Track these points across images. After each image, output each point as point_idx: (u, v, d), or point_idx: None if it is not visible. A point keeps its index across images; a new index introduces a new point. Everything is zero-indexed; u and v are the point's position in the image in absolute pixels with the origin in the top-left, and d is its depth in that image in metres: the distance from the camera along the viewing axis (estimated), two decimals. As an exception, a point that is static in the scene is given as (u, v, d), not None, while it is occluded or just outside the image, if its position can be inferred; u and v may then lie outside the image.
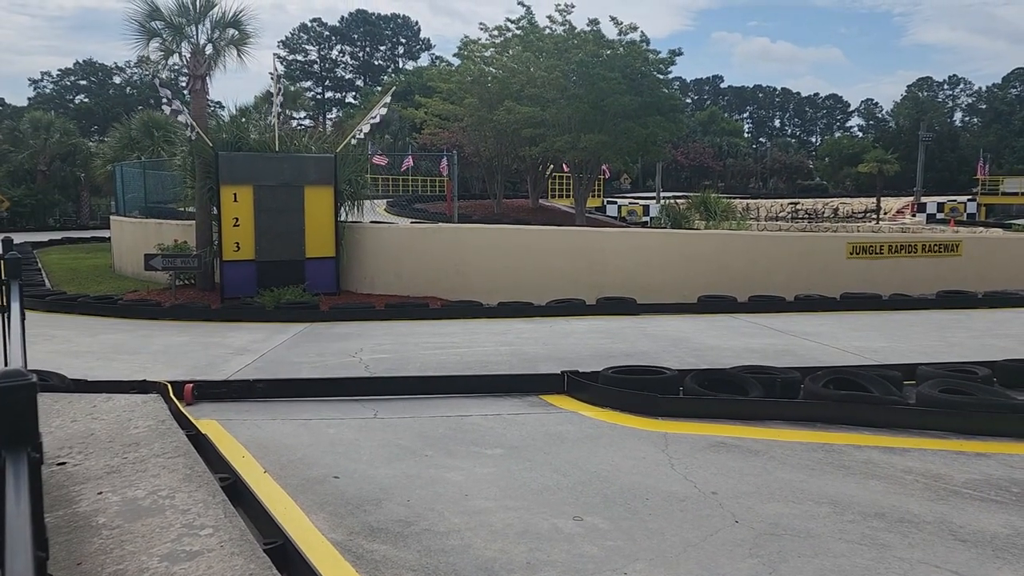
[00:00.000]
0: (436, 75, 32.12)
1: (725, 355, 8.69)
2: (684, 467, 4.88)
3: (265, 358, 8.97)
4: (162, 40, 15.07)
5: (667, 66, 24.86)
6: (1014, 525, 3.95)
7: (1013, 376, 7.04)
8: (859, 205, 45.95)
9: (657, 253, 14.58)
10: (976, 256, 14.87)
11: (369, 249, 15.13)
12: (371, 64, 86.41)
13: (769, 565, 3.49)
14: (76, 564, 3.09)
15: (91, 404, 5.51)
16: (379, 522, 3.99)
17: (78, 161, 39.49)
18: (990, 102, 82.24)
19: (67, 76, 71.67)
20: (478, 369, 8.04)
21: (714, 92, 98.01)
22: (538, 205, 31.38)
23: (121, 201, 23.79)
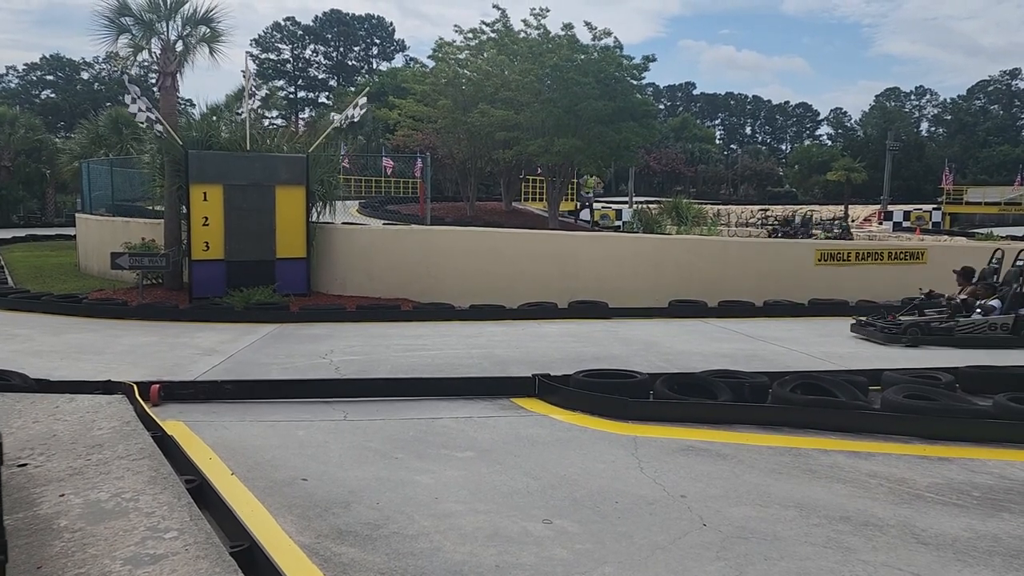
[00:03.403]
0: (410, 76, 32.05)
1: (695, 359, 8.76)
2: (653, 470, 4.91)
3: (234, 359, 8.87)
4: (132, 36, 14.85)
5: (640, 72, 25.04)
6: (975, 528, 4.02)
7: (975, 382, 7.19)
8: (828, 212, 46.53)
9: (629, 258, 14.65)
10: (941, 264, 15.09)
11: (341, 250, 15.03)
12: (345, 64, 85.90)
13: (736, 568, 3.52)
14: (36, 568, 3.03)
15: (54, 404, 5.41)
16: (348, 525, 3.96)
17: (44, 157, 38.74)
18: (955, 113, 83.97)
19: (33, 71, 70.32)
20: (449, 371, 8.02)
21: (686, 99, 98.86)
22: (511, 208, 31.43)
23: (88, 198, 23.43)
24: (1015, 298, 10.24)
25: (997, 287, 10.69)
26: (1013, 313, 10.15)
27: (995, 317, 10.17)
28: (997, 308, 10.28)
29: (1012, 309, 10.20)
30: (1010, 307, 10.23)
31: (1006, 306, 10.25)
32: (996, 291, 10.59)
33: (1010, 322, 10.11)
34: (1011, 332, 10.08)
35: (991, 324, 10.13)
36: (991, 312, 10.25)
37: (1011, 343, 9.93)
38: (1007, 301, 10.26)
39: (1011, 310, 10.20)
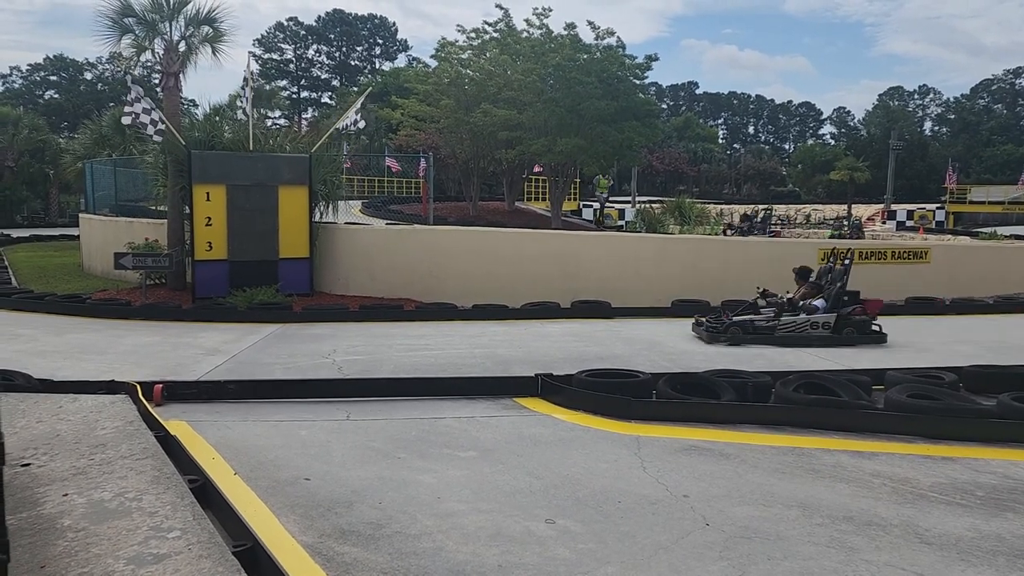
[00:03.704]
0: (413, 76, 32.03)
1: (698, 359, 8.76)
2: (656, 470, 4.90)
3: (237, 359, 8.87)
4: (135, 36, 14.87)
5: (643, 71, 25.01)
6: (978, 528, 4.01)
7: (979, 381, 7.17)
8: (831, 212, 46.50)
9: (632, 257, 14.64)
10: (944, 263, 15.12)
11: (343, 250, 15.04)
12: (347, 64, 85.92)
13: (739, 568, 3.51)
14: (40, 567, 3.03)
15: (57, 404, 5.42)
16: (350, 524, 3.96)
17: (47, 158, 38.82)
18: (958, 112, 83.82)
19: (37, 71, 70.41)
20: (452, 371, 8.02)
21: (689, 98, 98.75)
22: (514, 208, 31.41)
23: (91, 199, 23.46)
24: (838, 297, 10.29)
25: (824, 287, 10.75)
26: (835, 312, 10.20)
27: (817, 316, 10.23)
28: (820, 308, 10.37)
29: (835, 308, 10.24)
30: (833, 306, 10.27)
31: (829, 305, 10.32)
32: (823, 291, 10.67)
33: (832, 321, 10.17)
34: (833, 331, 10.14)
35: (812, 323, 10.18)
36: (814, 312, 10.32)
37: (832, 342, 9.97)
38: (830, 300, 10.33)
39: (834, 309, 10.24)
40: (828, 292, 10.48)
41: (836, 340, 10.00)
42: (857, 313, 10.21)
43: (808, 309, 10.34)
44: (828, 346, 9.81)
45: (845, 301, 10.30)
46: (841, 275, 10.49)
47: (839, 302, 10.25)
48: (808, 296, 10.64)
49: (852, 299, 10.33)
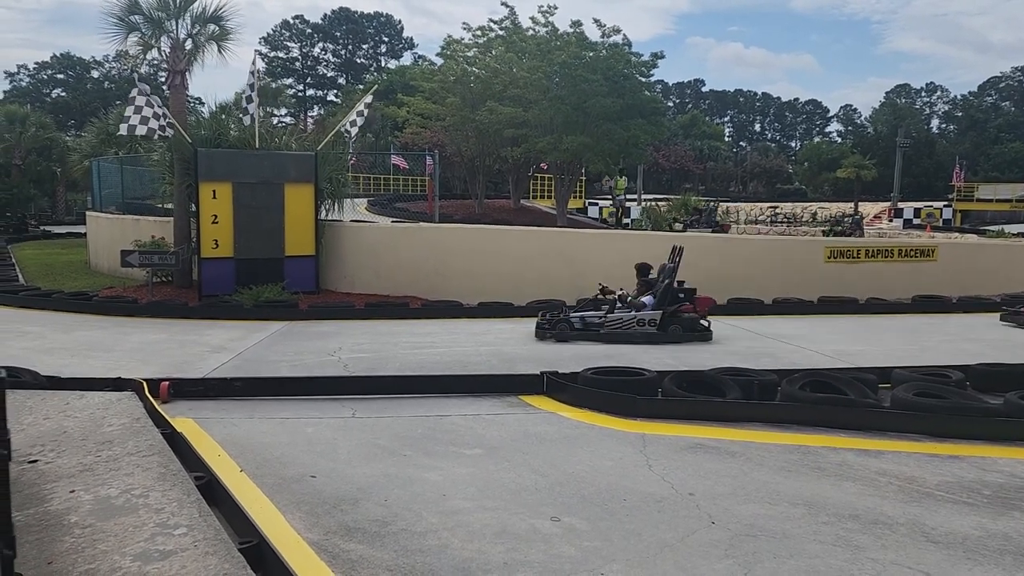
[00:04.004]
0: (418, 74, 32.03)
1: (703, 357, 8.74)
2: (662, 468, 4.90)
3: (243, 356, 8.89)
4: (141, 35, 14.91)
5: (649, 69, 24.94)
6: (985, 527, 4.00)
7: (986, 380, 7.14)
8: (837, 210, 46.31)
9: (637, 255, 14.59)
10: (951, 261, 15.05)
11: (349, 248, 15.06)
12: (353, 62, 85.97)
13: (744, 566, 3.51)
14: (47, 563, 3.04)
15: (64, 401, 5.44)
16: (356, 522, 3.97)
17: (54, 156, 38.93)
18: (966, 110, 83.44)
19: (44, 70, 70.62)
20: (457, 369, 8.02)
21: (695, 96, 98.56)
22: (520, 206, 31.36)
23: (98, 196, 23.52)
24: (665, 294, 10.31)
25: (653, 284, 10.81)
26: (662, 309, 10.23)
27: (643, 313, 10.26)
28: (648, 304, 10.40)
29: (663, 305, 10.27)
30: (660, 303, 10.30)
31: (657, 302, 10.35)
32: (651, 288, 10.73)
33: (658, 318, 10.20)
34: (659, 328, 10.17)
35: (639, 320, 10.20)
36: (642, 308, 10.35)
37: (656, 338, 10.00)
38: (658, 297, 10.36)
39: (661, 306, 10.27)
40: (656, 289, 10.54)
41: (661, 337, 10.04)
42: (686, 310, 10.27)
43: (636, 306, 10.41)
44: (652, 343, 9.87)
45: (680, 298, 10.35)
46: (671, 272, 10.52)
47: (666, 299, 10.28)
48: (641, 293, 10.71)
49: (687, 296, 10.39)
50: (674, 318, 10.17)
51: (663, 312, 10.16)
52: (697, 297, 10.41)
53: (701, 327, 10.20)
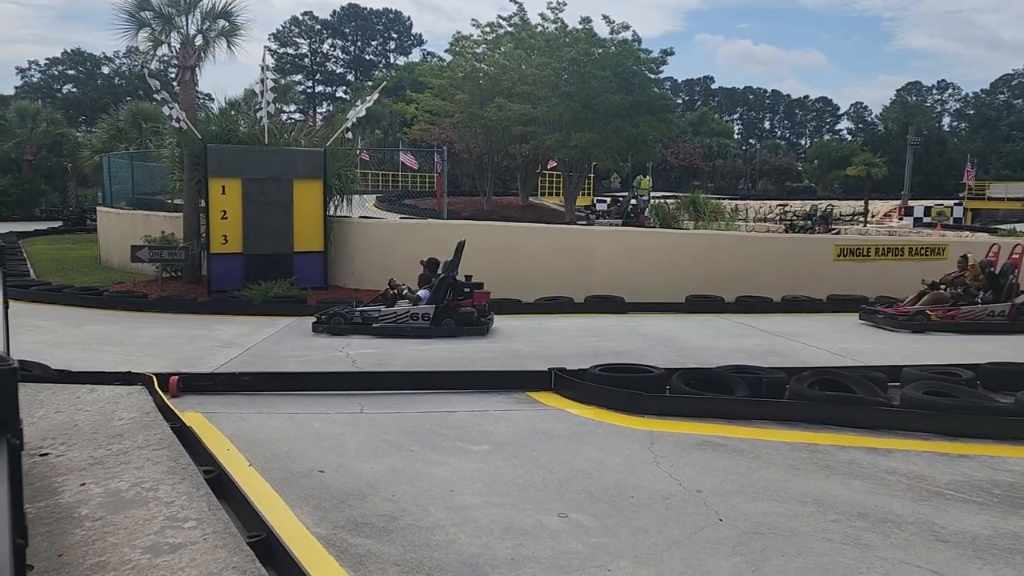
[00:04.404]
0: (427, 71, 32.01)
1: (712, 355, 8.73)
2: (669, 465, 4.89)
3: (251, 351, 8.93)
4: (152, 30, 14.97)
5: (658, 66, 24.91)
6: (995, 526, 3.98)
7: (996, 379, 7.10)
8: (847, 208, 46.14)
9: (646, 252, 14.59)
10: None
11: (358, 244, 15.08)
12: (362, 59, 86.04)
13: (752, 563, 3.50)
14: (57, 555, 3.06)
15: (75, 395, 5.47)
16: (364, 516, 3.98)
17: (65, 151, 39.10)
18: (978, 107, 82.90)
19: (55, 65, 70.93)
20: (465, 365, 8.03)
21: (705, 93, 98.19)
22: (528, 202, 31.38)
23: (108, 192, 23.60)
24: (439, 289, 10.42)
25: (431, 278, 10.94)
26: (434, 304, 10.37)
27: (417, 307, 10.42)
28: (423, 298, 10.51)
29: (437, 300, 10.36)
30: (435, 298, 10.40)
31: (431, 297, 10.47)
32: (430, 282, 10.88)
33: (431, 312, 10.30)
34: (432, 322, 10.28)
35: (413, 314, 10.34)
36: (418, 302, 10.49)
37: (429, 333, 10.16)
38: (433, 292, 10.49)
39: (436, 301, 10.36)
40: (432, 284, 10.66)
41: (433, 331, 10.16)
42: (463, 304, 10.37)
43: (412, 299, 10.57)
44: (424, 337, 9.98)
45: (467, 292, 10.48)
46: (448, 267, 10.64)
47: (440, 294, 10.40)
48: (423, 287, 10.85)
49: (470, 291, 10.55)
50: (448, 312, 10.30)
51: (436, 307, 10.30)
52: (477, 292, 10.57)
53: (477, 321, 10.31)
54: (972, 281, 11.52)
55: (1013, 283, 11.32)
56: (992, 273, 11.51)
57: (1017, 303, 11.12)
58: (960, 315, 11.10)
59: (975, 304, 11.21)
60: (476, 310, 10.35)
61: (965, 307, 11.17)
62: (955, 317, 11.06)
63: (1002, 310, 11.14)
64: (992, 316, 11.12)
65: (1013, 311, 11.12)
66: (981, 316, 11.12)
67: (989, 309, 11.14)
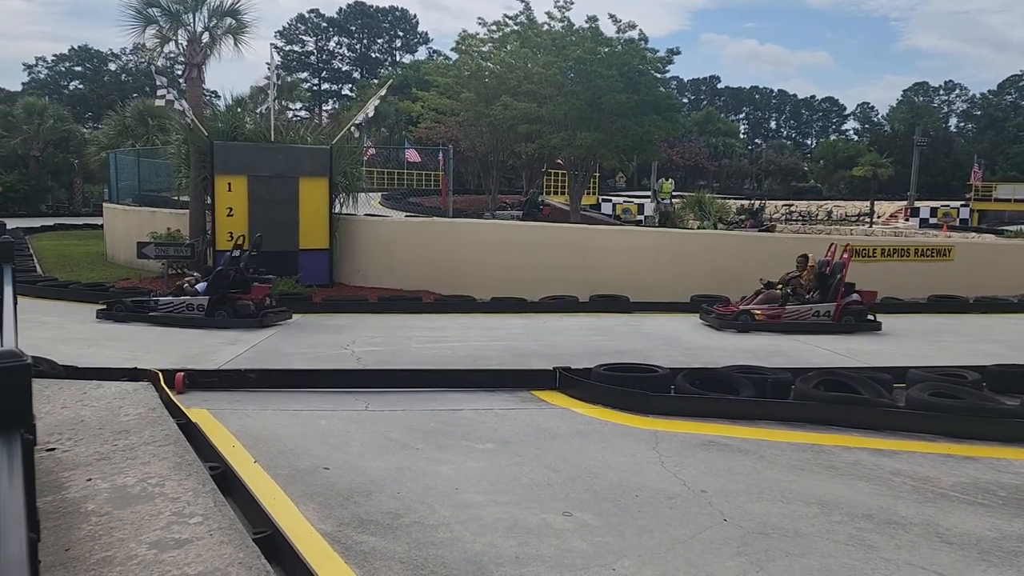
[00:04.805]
0: (433, 69, 31.99)
1: (717, 354, 8.72)
2: (674, 465, 4.89)
3: (257, 348, 8.95)
4: (159, 27, 15.02)
5: (664, 65, 24.83)
6: (1000, 528, 3.97)
7: (1002, 381, 7.08)
8: (853, 208, 46.03)
9: (651, 252, 14.58)
10: (968, 261, 14.94)
11: (363, 242, 15.10)
12: (368, 56, 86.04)
13: (756, 564, 3.50)
14: (64, 550, 3.08)
15: (81, 391, 5.50)
16: (369, 514, 3.99)
17: (72, 147, 39.23)
18: (985, 108, 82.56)
19: (62, 62, 71.05)
20: (470, 364, 8.04)
21: (711, 92, 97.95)
22: (533, 201, 31.29)
23: (114, 188, 23.67)
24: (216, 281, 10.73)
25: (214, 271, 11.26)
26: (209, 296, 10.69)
27: (194, 299, 10.77)
28: (200, 290, 10.83)
29: (215, 291, 10.65)
30: (211, 290, 10.71)
31: (208, 288, 10.76)
32: None
33: (205, 303, 10.62)
34: (206, 314, 10.56)
35: (188, 305, 10.70)
36: (196, 294, 10.86)
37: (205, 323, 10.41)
38: (210, 284, 10.80)
39: (213, 292, 10.68)
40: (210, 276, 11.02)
41: (207, 322, 10.45)
42: (236, 297, 10.61)
43: (190, 291, 10.86)
44: (200, 327, 10.28)
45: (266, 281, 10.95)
46: (235, 261, 10.91)
47: (217, 285, 10.67)
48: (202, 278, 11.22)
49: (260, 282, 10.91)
50: (223, 304, 10.55)
51: (210, 298, 10.58)
52: (257, 285, 10.78)
53: (253, 313, 10.50)
54: (806, 281, 11.39)
55: (839, 283, 11.00)
56: (821, 272, 11.30)
57: (842, 303, 10.90)
58: (785, 315, 10.90)
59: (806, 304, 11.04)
60: (254, 303, 10.62)
61: (790, 307, 10.96)
62: (780, 317, 10.87)
63: (827, 310, 10.90)
64: (818, 316, 10.90)
65: (838, 311, 10.88)
66: (806, 316, 10.91)
67: (815, 309, 10.94)
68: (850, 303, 10.97)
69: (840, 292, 10.99)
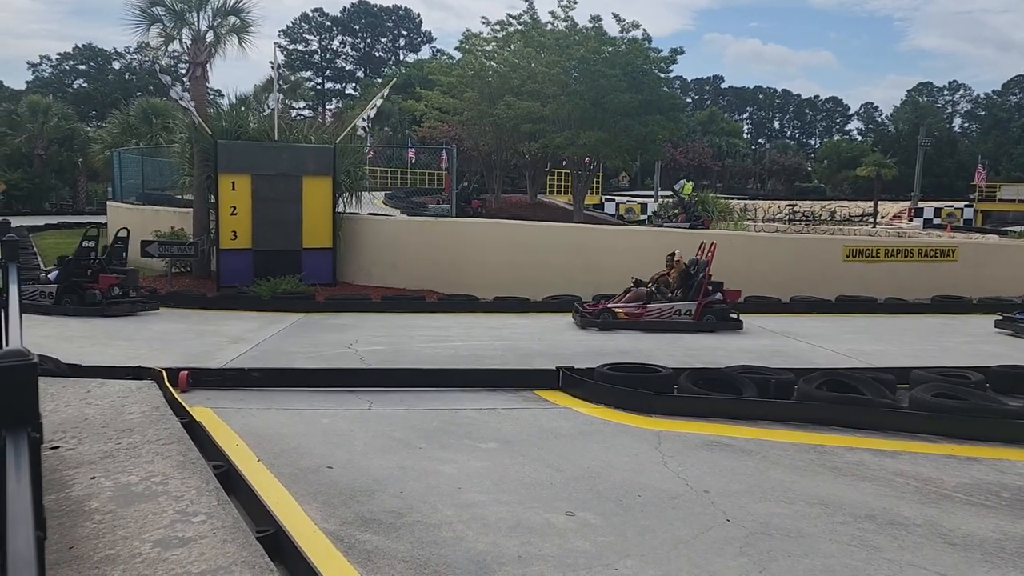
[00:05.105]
0: (437, 68, 32.00)
1: (720, 355, 8.72)
2: (677, 465, 4.89)
3: (260, 347, 8.96)
4: (163, 26, 15.04)
5: (668, 65, 24.81)
6: (1003, 529, 3.97)
7: (1006, 382, 7.07)
8: (856, 209, 45.91)
9: (654, 252, 14.54)
10: (972, 262, 14.92)
11: (366, 241, 15.11)
12: (372, 55, 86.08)
13: (759, 564, 3.50)
14: (68, 548, 3.09)
15: (85, 389, 5.50)
16: (372, 513, 4.00)
17: (76, 146, 39.32)
18: (989, 109, 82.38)
19: (66, 60, 71.11)
20: (473, 363, 8.05)
21: (714, 92, 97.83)
22: (536, 201, 31.33)
23: (118, 187, 23.73)
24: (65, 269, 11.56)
25: None
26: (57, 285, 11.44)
27: (46, 286, 11.52)
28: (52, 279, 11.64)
29: (65, 280, 11.42)
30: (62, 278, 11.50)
31: (59, 277, 11.56)
32: None
33: (55, 291, 11.36)
34: (55, 301, 11.27)
35: (41, 292, 11.43)
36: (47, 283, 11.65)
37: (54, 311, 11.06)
38: (60, 273, 11.58)
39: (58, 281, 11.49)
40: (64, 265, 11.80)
41: (56, 309, 11.08)
42: (87, 286, 11.24)
43: (44, 280, 11.65)
44: (50, 313, 10.90)
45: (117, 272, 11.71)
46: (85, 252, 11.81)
47: (65, 274, 11.44)
48: None
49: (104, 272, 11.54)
50: (71, 292, 11.23)
51: (58, 286, 11.36)
52: (104, 275, 11.46)
53: (99, 301, 11.13)
54: (672, 279, 11.32)
55: (703, 280, 10.95)
56: (685, 270, 11.28)
57: (704, 302, 10.85)
58: (647, 313, 10.88)
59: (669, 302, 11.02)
60: (100, 292, 11.25)
61: (652, 305, 10.94)
62: (641, 316, 10.86)
63: (688, 308, 10.87)
64: (679, 315, 10.89)
65: (699, 310, 10.84)
66: (668, 314, 10.90)
67: (676, 307, 10.91)
68: (712, 302, 10.97)
69: (703, 291, 10.96)
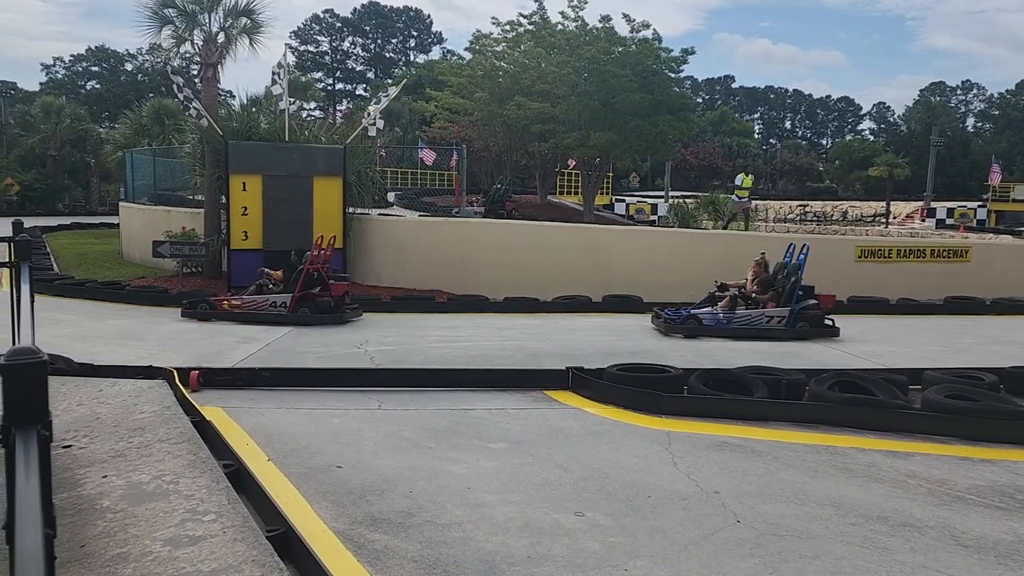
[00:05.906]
0: (447, 69, 32.02)
1: (730, 355, 8.68)
2: (687, 465, 4.88)
3: (271, 347, 8.99)
4: (175, 27, 15.12)
5: (679, 65, 24.73)
6: (1017, 532, 3.93)
7: (1020, 383, 7.01)
8: (868, 209, 45.70)
9: (664, 252, 14.54)
10: (985, 262, 14.80)
11: (376, 241, 15.14)
12: (382, 56, 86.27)
13: (770, 565, 3.48)
14: (80, 546, 3.10)
15: (97, 388, 5.54)
16: (381, 512, 4.00)
17: (88, 147, 39.61)
18: (1003, 108, 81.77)
19: (79, 62, 71.63)
20: (483, 363, 8.04)
21: (725, 92, 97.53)
22: (547, 201, 31.27)
23: (130, 187, 23.87)
24: None
25: None
26: None
27: None
28: None
29: None
30: None
31: None
32: None
33: None
34: None
35: None
36: None
37: None
38: None
39: None
40: None
41: None
42: None
43: None
44: None
45: None
46: None
47: None
48: None
49: None
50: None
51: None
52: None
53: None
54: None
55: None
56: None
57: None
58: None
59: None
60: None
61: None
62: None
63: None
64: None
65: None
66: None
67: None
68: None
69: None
